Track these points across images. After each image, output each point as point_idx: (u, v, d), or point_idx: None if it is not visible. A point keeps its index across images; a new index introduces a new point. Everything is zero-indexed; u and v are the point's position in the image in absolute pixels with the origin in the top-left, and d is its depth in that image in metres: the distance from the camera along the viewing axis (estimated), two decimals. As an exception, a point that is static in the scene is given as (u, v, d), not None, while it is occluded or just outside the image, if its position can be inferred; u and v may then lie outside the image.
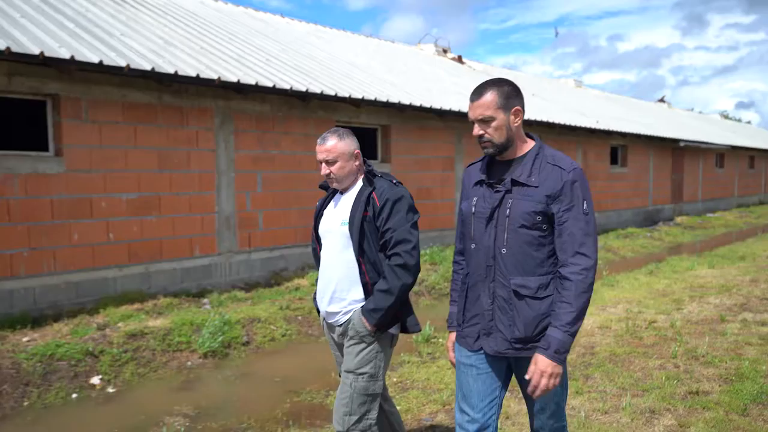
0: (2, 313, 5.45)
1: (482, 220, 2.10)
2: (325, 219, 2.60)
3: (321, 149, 2.50)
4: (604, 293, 7.27)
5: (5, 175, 5.46)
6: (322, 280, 2.56)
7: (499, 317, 2.06)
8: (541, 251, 2.03)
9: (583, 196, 2.01)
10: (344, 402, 2.42)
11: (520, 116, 2.08)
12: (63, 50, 5.40)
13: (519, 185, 2.04)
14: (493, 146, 2.07)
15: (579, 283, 1.96)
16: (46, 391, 4.32)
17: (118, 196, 6.24)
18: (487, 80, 2.11)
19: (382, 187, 2.46)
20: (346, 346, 2.48)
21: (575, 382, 4.10)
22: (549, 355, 1.95)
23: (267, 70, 7.66)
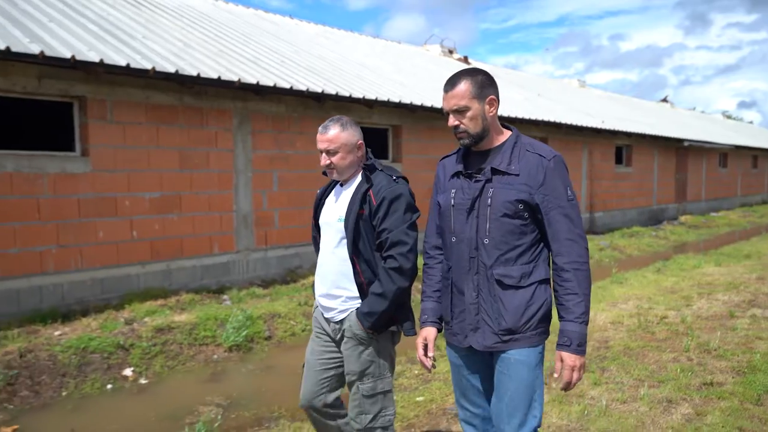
0: (32, 308, 5.61)
1: (462, 211, 2.06)
2: (325, 210, 2.51)
3: (322, 138, 2.37)
4: (614, 290, 7.43)
5: (35, 175, 5.62)
6: (320, 272, 2.50)
7: (485, 310, 2.03)
8: (523, 240, 2.00)
9: (565, 183, 2.00)
10: (355, 404, 2.39)
11: (495, 105, 2.05)
12: (92, 54, 5.56)
13: (499, 174, 2.01)
14: (468, 137, 2.04)
15: (577, 270, 1.94)
16: (82, 382, 4.49)
17: (141, 195, 6.40)
18: (460, 70, 2.07)
19: (380, 184, 2.35)
20: (345, 349, 2.41)
21: (592, 374, 4.25)
22: (573, 350, 1.93)
23: (282, 71, 7.82)
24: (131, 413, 4.06)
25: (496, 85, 2.08)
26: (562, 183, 1.99)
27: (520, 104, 12.77)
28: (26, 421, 3.88)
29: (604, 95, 23.24)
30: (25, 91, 5.56)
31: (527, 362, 2.01)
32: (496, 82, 2.10)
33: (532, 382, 2.02)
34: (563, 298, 1.96)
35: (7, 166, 5.45)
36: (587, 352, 4.78)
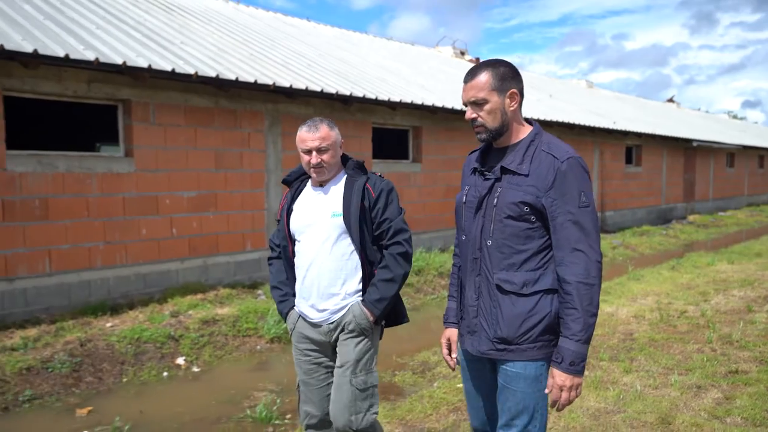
0: (82, 301, 5.89)
1: (471, 209, 1.99)
2: (302, 213, 2.44)
3: (313, 137, 2.33)
4: (632, 286, 7.68)
5: (84, 174, 5.91)
6: (308, 278, 2.40)
7: (483, 314, 1.94)
8: (529, 245, 1.88)
9: (580, 187, 1.83)
10: (347, 401, 2.34)
11: (516, 99, 1.92)
12: (140, 59, 5.84)
13: (509, 173, 1.91)
14: (486, 131, 1.94)
15: (580, 284, 1.79)
16: (140, 370, 4.77)
17: (180, 194, 6.68)
18: (483, 61, 1.98)
19: (373, 178, 2.42)
20: (342, 340, 2.38)
21: (622, 363, 4.51)
22: (564, 369, 1.81)
23: (311, 74, 8.09)
24: (191, 398, 4.33)
25: (521, 79, 1.95)
26: (576, 187, 1.83)
27: (534, 105, 13.01)
28: (97, 403, 4.16)
29: (612, 96, 23.46)
30: (76, 95, 5.84)
31: (524, 374, 1.90)
32: (521, 75, 1.97)
33: (530, 396, 1.90)
34: (562, 312, 1.83)
35: (59, 167, 5.74)
36: (613, 344, 5.05)
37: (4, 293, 5.42)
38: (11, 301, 5.47)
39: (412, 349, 5.28)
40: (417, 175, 9.60)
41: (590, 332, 1.82)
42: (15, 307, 5.49)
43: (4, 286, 5.43)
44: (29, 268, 5.57)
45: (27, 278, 5.56)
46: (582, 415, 3.54)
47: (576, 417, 3.50)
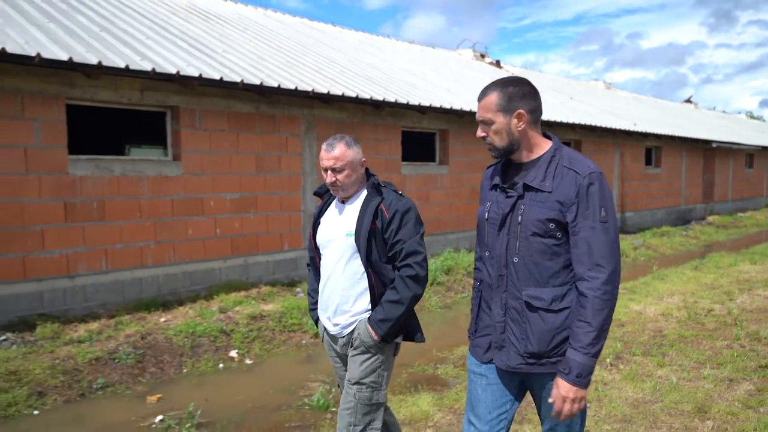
0: (134, 297, 6.24)
1: (494, 226, 1.99)
2: (326, 228, 2.52)
3: (328, 156, 2.40)
4: (657, 286, 7.87)
5: (137, 178, 6.25)
6: (325, 292, 2.50)
7: (511, 330, 1.96)
8: (556, 261, 1.90)
9: (601, 203, 1.85)
10: (348, 413, 2.39)
11: (524, 120, 1.93)
12: (191, 69, 6.17)
13: (531, 190, 1.92)
14: (495, 150, 1.98)
15: (596, 299, 1.81)
16: (197, 361, 5.09)
17: (223, 195, 7.01)
18: (496, 80, 1.99)
19: (389, 198, 2.41)
20: (350, 356, 2.44)
21: (655, 358, 4.74)
22: (570, 380, 1.83)
23: (344, 80, 8.38)
24: (248, 387, 4.63)
25: (533, 98, 1.95)
26: (597, 203, 1.85)
27: (556, 108, 13.20)
28: (163, 391, 4.48)
29: (630, 97, 23.51)
30: (130, 102, 6.18)
31: None
32: (537, 92, 1.98)
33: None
34: (574, 323, 1.86)
35: (115, 170, 6.08)
36: (644, 340, 5.27)
37: (65, 290, 5.78)
38: (72, 297, 5.82)
39: (450, 344, 5.54)
40: (444, 177, 9.86)
41: (600, 347, 1.84)
42: (75, 303, 5.84)
43: (66, 283, 5.78)
44: (88, 265, 5.92)
45: (86, 275, 5.91)
46: (622, 404, 3.78)
47: (616, 406, 3.75)
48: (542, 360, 1.91)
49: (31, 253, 5.53)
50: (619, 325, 5.86)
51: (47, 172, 5.60)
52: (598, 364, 4.67)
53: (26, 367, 4.45)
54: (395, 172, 9.03)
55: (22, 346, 4.92)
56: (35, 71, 5.41)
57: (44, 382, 4.36)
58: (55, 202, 5.67)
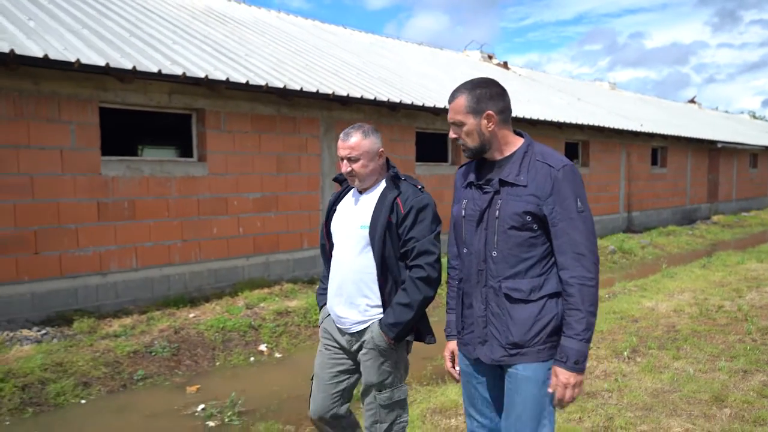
0: (163, 294, 6.44)
1: (472, 223, 2.03)
2: (340, 217, 2.47)
3: (344, 146, 2.35)
4: (667, 283, 8.06)
5: (165, 178, 6.45)
6: (335, 281, 2.45)
7: (492, 323, 2.00)
8: (533, 252, 1.95)
9: (576, 194, 1.91)
10: (371, 413, 2.39)
11: (493, 120, 1.97)
12: (218, 73, 6.38)
13: (507, 185, 1.97)
14: (467, 150, 2.03)
15: (582, 287, 1.89)
16: (229, 355, 5.29)
17: (246, 195, 7.21)
18: (463, 83, 2.03)
19: (407, 193, 2.35)
20: (364, 359, 2.38)
21: (669, 351, 4.93)
22: (569, 368, 1.90)
23: (361, 82, 8.58)
24: (281, 379, 4.84)
25: (501, 98, 1.99)
26: (572, 194, 1.91)
27: (564, 109, 13.38)
28: (201, 383, 4.68)
29: (635, 97, 23.68)
30: (159, 105, 6.39)
31: (535, 378, 1.97)
32: (505, 93, 2.02)
33: (540, 399, 1.97)
34: (566, 313, 1.92)
35: (144, 171, 6.29)
36: (658, 335, 5.47)
37: (98, 286, 5.99)
38: (105, 294, 6.03)
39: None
40: (456, 177, 10.05)
41: (592, 331, 1.91)
42: (107, 299, 6.05)
43: (99, 280, 5.99)
44: (119, 263, 6.13)
45: (117, 273, 6.12)
46: (642, 393, 3.98)
47: (637, 395, 3.94)
48: (523, 349, 1.96)
49: (66, 251, 5.74)
50: (632, 321, 6.05)
51: (81, 172, 5.81)
52: (616, 356, 4.87)
53: (70, 359, 4.66)
54: (410, 172, 9.23)
55: (62, 339, 5.13)
56: (71, 76, 5.62)
57: (88, 373, 4.57)
58: (88, 202, 5.88)
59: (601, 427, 3.48)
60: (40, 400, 4.19)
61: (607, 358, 4.81)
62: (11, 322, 5.35)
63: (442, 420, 3.73)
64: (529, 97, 13.35)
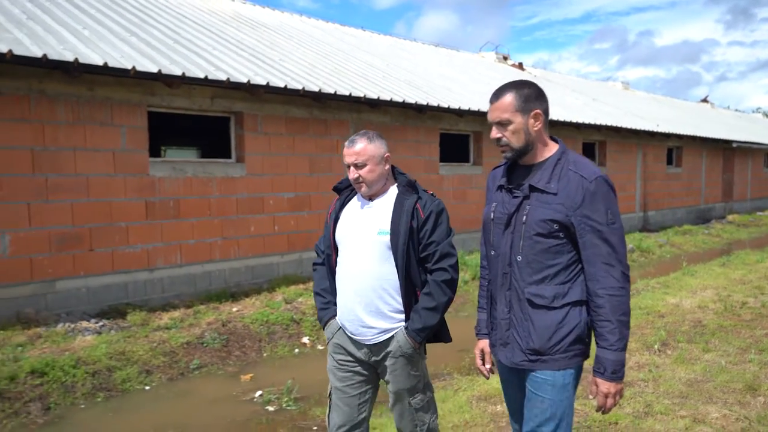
0: (204, 289, 6.73)
1: (500, 226, 2.04)
2: (348, 225, 2.41)
3: (350, 152, 2.33)
4: (689, 281, 8.25)
5: (207, 179, 6.74)
6: (348, 292, 2.37)
7: (514, 327, 2.01)
8: (558, 260, 1.95)
9: (607, 206, 1.91)
10: (409, 418, 2.42)
11: (540, 120, 1.98)
12: (258, 78, 6.65)
13: (537, 191, 1.97)
14: (511, 150, 2.00)
15: (612, 298, 1.89)
16: (275, 346, 5.56)
17: (281, 195, 7.48)
18: (508, 82, 2.04)
19: (424, 198, 2.36)
20: (392, 368, 2.36)
21: (699, 344, 5.14)
22: (608, 378, 1.92)
23: (387, 85, 8.83)
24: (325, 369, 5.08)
25: (545, 99, 2.02)
26: (603, 206, 1.91)
27: (581, 110, 13.57)
28: (252, 372, 4.95)
29: (649, 97, 23.77)
30: (201, 108, 6.67)
31: (553, 383, 1.97)
32: (546, 94, 2.05)
33: (558, 404, 1.97)
34: (597, 324, 1.93)
35: (188, 172, 6.57)
36: (685, 329, 5.67)
37: (146, 282, 6.28)
38: (152, 288, 6.32)
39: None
40: (478, 177, 10.28)
41: (626, 340, 1.92)
42: (154, 294, 6.34)
43: (146, 275, 6.28)
44: (165, 259, 6.41)
45: (163, 269, 6.41)
46: (677, 383, 4.20)
47: (672, 385, 4.16)
48: (544, 356, 1.96)
49: (117, 247, 6.03)
50: (659, 316, 6.26)
51: (131, 173, 6.10)
52: (647, 349, 5.08)
53: (130, 348, 4.94)
54: (434, 173, 9.48)
55: (118, 331, 5.42)
56: (122, 82, 5.91)
57: (149, 361, 4.85)
58: (137, 201, 6.17)
59: (641, 413, 3.70)
60: (109, 386, 4.48)
61: (639, 351, 5.03)
62: (69, 314, 5.65)
63: (488, 406, 3.97)
64: (546, 98, 13.53)
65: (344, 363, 2.45)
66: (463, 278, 8.12)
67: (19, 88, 5.31)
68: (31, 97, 5.40)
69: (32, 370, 4.32)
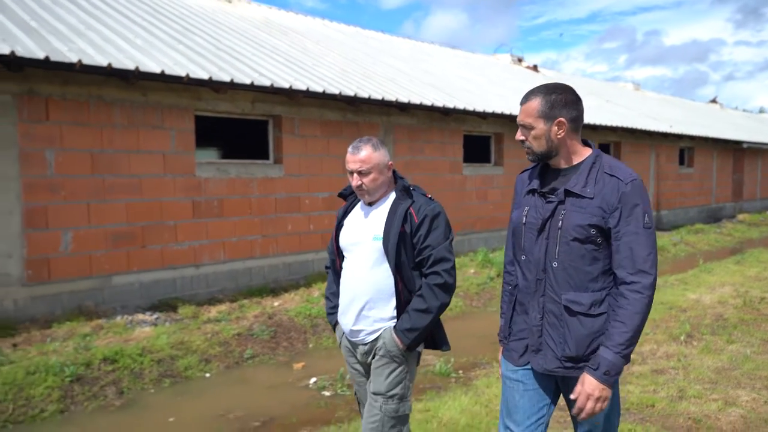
0: (245, 285, 7.06)
1: (533, 231, 2.00)
2: (350, 231, 2.44)
3: (354, 159, 2.33)
4: (707, 278, 8.53)
5: (249, 179, 7.07)
6: (346, 296, 2.41)
7: (548, 333, 1.97)
8: (595, 266, 1.92)
9: (643, 209, 1.88)
10: (375, 426, 2.33)
11: (564, 128, 1.94)
12: (298, 83, 6.98)
13: (573, 196, 1.93)
14: (532, 154, 2.00)
15: (636, 302, 1.85)
16: (319, 338, 5.88)
17: (316, 195, 7.81)
18: (541, 85, 2.01)
19: (419, 202, 2.35)
20: (375, 367, 2.37)
21: (722, 336, 5.43)
22: (597, 376, 1.86)
23: (416, 89, 9.15)
24: (371, 359, 5.40)
25: (575, 106, 1.96)
26: (641, 209, 1.88)
27: (596, 111, 13.84)
28: (303, 361, 5.28)
29: (659, 98, 23.98)
30: (243, 112, 7.01)
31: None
32: (579, 101, 1.99)
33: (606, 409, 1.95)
34: (610, 324, 1.89)
35: (231, 172, 6.91)
36: (707, 323, 5.96)
37: (192, 277, 6.62)
38: (198, 284, 6.66)
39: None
40: (499, 177, 10.59)
41: (631, 349, 1.87)
42: (200, 289, 6.68)
43: (193, 271, 6.62)
44: (210, 256, 6.75)
45: (208, 265, 6.75)
46: (706, 370, 4.50)
47: (702, 372, 4.46)
48: (580, 364, 1.93)
49: (167, 245, 6.37)
50: (681, 311, 6.55)
51: (180, 174, 6.44)
52: (673, 340, 5.38)
53: (188, 339, 5.27)
54: (458, 173, 9.78)
55: (172, 323, 5.76)
56: (172, 87, 6.24)
57: (206, 351, 5.18)
58: (185, 201, 6.50)
59: (675, 397, 4.01)
60: (173, 373, 4.81)
61: (666, 342, 5.33)
62: (124, 307, 5.99)
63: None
64: (562, 100, 13.81)
65: (355, 366, 2.52)
66: (489, 275, 8.43)
67: (80, 94, 5.66)
68: (91, 102, 5.74)
69: (104, 357, 4.66)
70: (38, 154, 5.44)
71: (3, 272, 5.26)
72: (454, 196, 9.61)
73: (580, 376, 1.92)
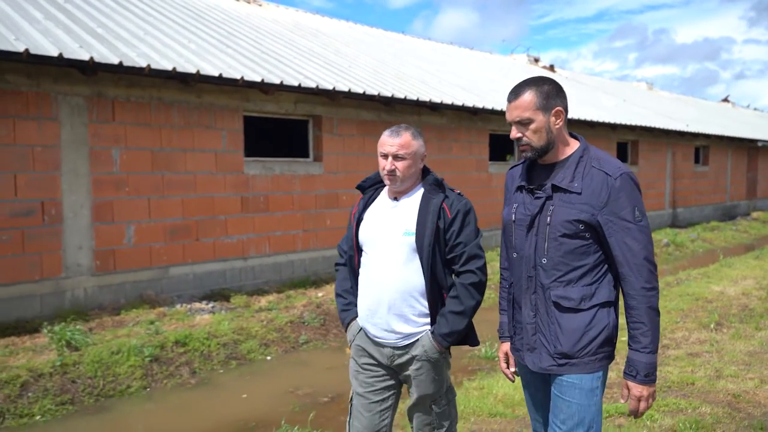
0: (288, 277, 7.42)
1: (522, 227, 1.98)
2: (373, 225, 2.30)
3: (392, 142, 2.20)
4: (728, 272, 8.81)
5: (291, 176, 7.43)
6: (371, 296, 2.28)
7: (541, 331, 1.96)
8: (585, 260, 1.90)
9: (633, 203, 1.85)
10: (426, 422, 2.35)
11: (561, 117, 1.92)
12: (340, 85, 7.33)
13: (560, 191, 1.91)
14: (532, 150, 1.93)
15: (643, 298, 1.85)
16: (366, 326, 6.23)
17: (352, 191, 8.15)
18: (526, 79, 1.97)
19: (451, 197, 2.25)
20: (416, 374, 2.27)
21: (751, 324, 5.72)
22: (640, 381, 1.87)
23: (444, 89, 9.48)
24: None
25: (564, 96, 1.96)
26: (629, 203, 1.85)
27: (614, 111, 14.12)
28: (355, 346, 5.62)
29: (673, 97, 24.18)
30: (286, 112, 7.36)
31: (581, 386, 1.92)
32: (564, 90, 1.98)
33: (586, 409, 1.93)
34: (630, 325, 1.90)
35: (275, 170, 7.27)
36: (734, 312, 6.26)
37: (241, 269, 6.98)
38: (245, 275, 7.02)
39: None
40: (522, 175, 10.90)
41: (657, 342, 1.89)
42: (247, 280, 7.04)
43: (241, 263, 6.98)
44: (256, 249, 7.11)
45: (255, 257, 7.11)
46: (739, 353, 4.80)
47: (735, 355, 4.77)
48: (572, 360, 1.91)
49: (218, 238, 6.74)
50: (707, 302, 6.84)
51: (230, 171, 6.80)
52: (704, 328, 5.68)
53: (246, 325, 5.63)
54: (484, 171, 10.10)
55: (227, 312, 6.12)
56: (224, 89, 6.60)
57: (265, 336, 5.54)
58: (234, 197, 6.87)
59: (713, 376, 4.31)
60: (238, 355, 5.17)
61: (697, 330, 5.63)
62: (180, 297, 6.36)
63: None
64: (579, 99, 14.10)
65: (367, 367, 2.35)
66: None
67: (143, 96, 6.03)
68: (152, 104, 6.11)
69: (176, 340, 5.03)
70: (105, 152, 5.82)
71: (75, 263, 5.64)
72: (481, 193, 9.93)
73: (621, 381, 1.95)
